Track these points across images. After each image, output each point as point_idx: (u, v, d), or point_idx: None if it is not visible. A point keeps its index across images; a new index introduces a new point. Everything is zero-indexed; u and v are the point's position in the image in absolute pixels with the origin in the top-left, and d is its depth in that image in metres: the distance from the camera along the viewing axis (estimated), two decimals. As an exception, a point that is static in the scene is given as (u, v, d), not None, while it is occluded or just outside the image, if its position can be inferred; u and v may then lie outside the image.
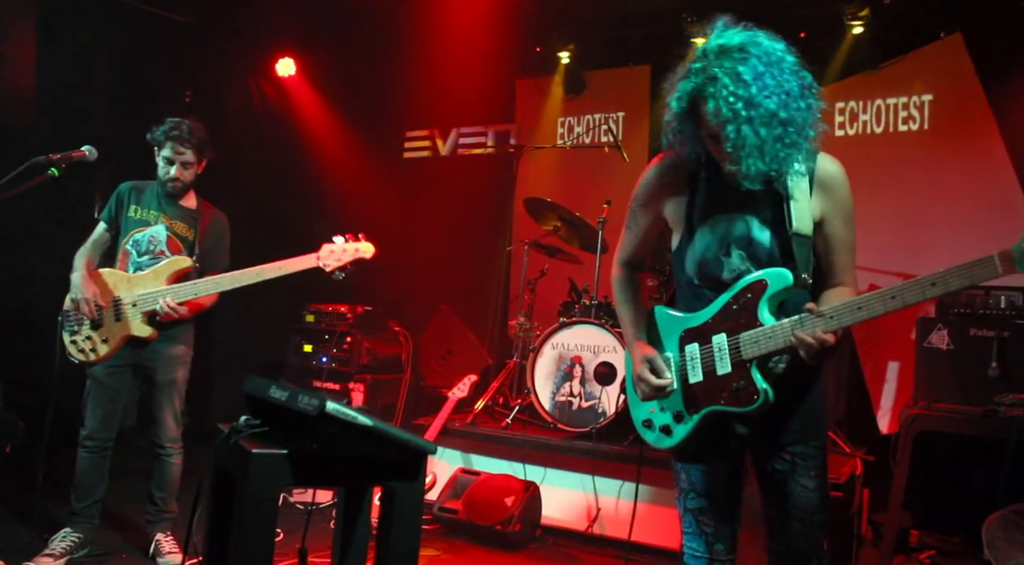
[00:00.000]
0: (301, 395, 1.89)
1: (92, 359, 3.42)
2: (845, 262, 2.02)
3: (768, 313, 1.96)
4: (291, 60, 6.59)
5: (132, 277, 3.48)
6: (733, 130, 1.81)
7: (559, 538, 4.13)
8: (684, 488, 2.20)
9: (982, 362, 3.65)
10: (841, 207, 1.99)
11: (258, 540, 1.88)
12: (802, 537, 2.07)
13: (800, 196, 1.95)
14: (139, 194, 3.60)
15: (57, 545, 3.37)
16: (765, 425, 2.07)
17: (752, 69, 1.82)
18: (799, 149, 1.86)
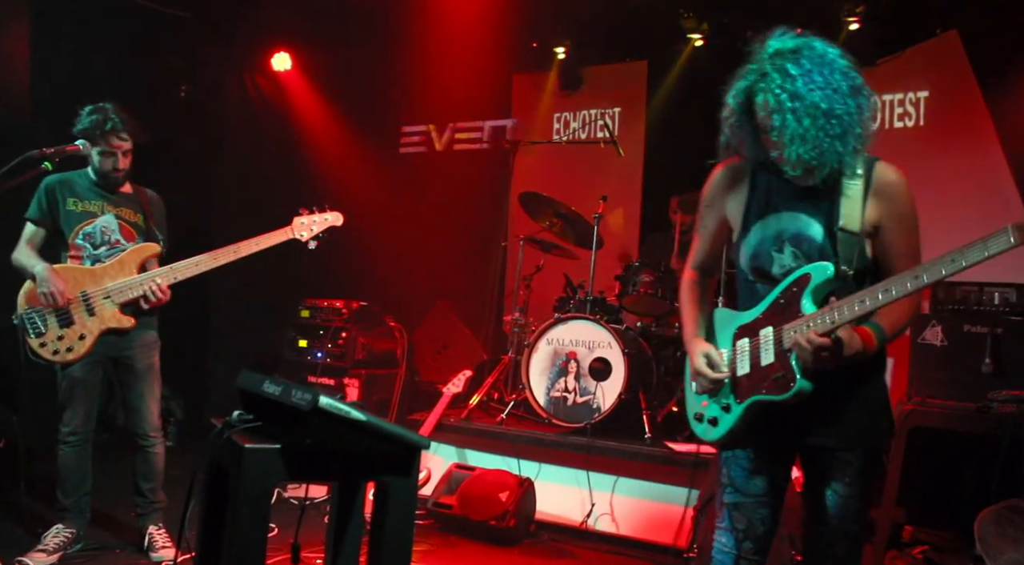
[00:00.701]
0: (295, 390, 1.89)
1: (69, 358, 3.34)
2: (905, 270, 1.93)
3: (811, 304, 1.99)
4: (287, 55, 6.57)
5: (94, 270, 3.40)
6: (779, 119, 1.94)
7: (554, 533, 4.13)
8: (723, 482, 2.23)
9: (976, 358, 3.65)
10: (899, 214, 2.02)
11: (251, 535, 1.88)
12: (828, 544, 2.09)
13: (853, 196, 2.01)
14: (71, 187, 3.47)
15: (50, 541, 3.35)
16: (809, 425, 2.08)
17: (800, 66, 1.95)
18: (844, 142, 1.93)
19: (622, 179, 6.02)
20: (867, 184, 2.01)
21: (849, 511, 2.06)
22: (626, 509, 4.07)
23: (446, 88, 6.43)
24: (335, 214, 3.69)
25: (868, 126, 1.97)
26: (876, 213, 2.01)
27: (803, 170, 1.97)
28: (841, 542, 2.08)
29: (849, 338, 1.93)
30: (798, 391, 1.96)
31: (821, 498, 2.09)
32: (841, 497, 2.06)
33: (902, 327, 2.02)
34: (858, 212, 1.99)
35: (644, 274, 4.66)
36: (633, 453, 4.09)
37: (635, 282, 4.67)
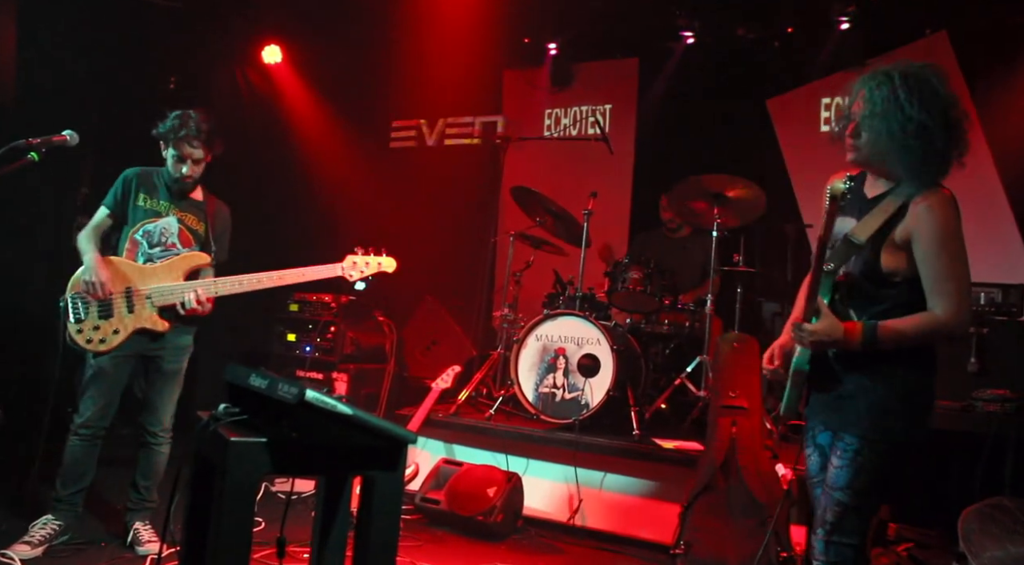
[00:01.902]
0: (281, 383, 1.88)
1: (101, 349, 3.36)
2: (934, 288, 2.14)
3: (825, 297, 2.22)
4: (277, 47, 6.53)
5: (144, 268, 3.43)
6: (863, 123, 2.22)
7: (541, 529, 4.14)
8: None
9: (961, 358, 3.69)
10: (927, 238, 2.13)
11: (237, 529, 1.87)
12: (822, 508, 2.27)
13: (881, 211, 2.19)
14: (148, 183, 3.53)
15: (37, 532, 3.33)
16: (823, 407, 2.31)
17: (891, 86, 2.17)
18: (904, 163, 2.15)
19: (612, 176, 6.02)
20: (907, 201, 2.16)
21: (839, 480, 2.22)
22: (613, 505, 4.08)
23: (437, 83, 6.42)
24: (389, 260, 3.74)
25: (931, 155, 2.13)
26: (907, 230, 2.16)
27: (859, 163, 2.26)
28: (830, 508, 2.24)
29: (828, 326, 2.15)
30: (795, 367, 2.27)
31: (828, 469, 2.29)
32: (835, 467, 2.24)
33: (905, 339, 2.14)
34: (877, 224, 2.17)
35: (633, 271, 4.66)
36: (621, 449, 4.10)
37: (624, 279, 4.67)
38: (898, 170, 2.19)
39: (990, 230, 4.77)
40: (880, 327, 2.14)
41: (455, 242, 6.26)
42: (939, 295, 2.14)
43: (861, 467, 2.19)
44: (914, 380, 2.22)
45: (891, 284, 2.20)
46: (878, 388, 2.20)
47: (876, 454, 2.20)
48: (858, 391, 2.22)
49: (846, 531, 2.22)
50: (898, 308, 2.18)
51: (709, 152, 5.19)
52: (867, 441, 2.20)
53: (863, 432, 2.20)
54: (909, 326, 2.14)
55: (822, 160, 5.81)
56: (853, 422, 2.21)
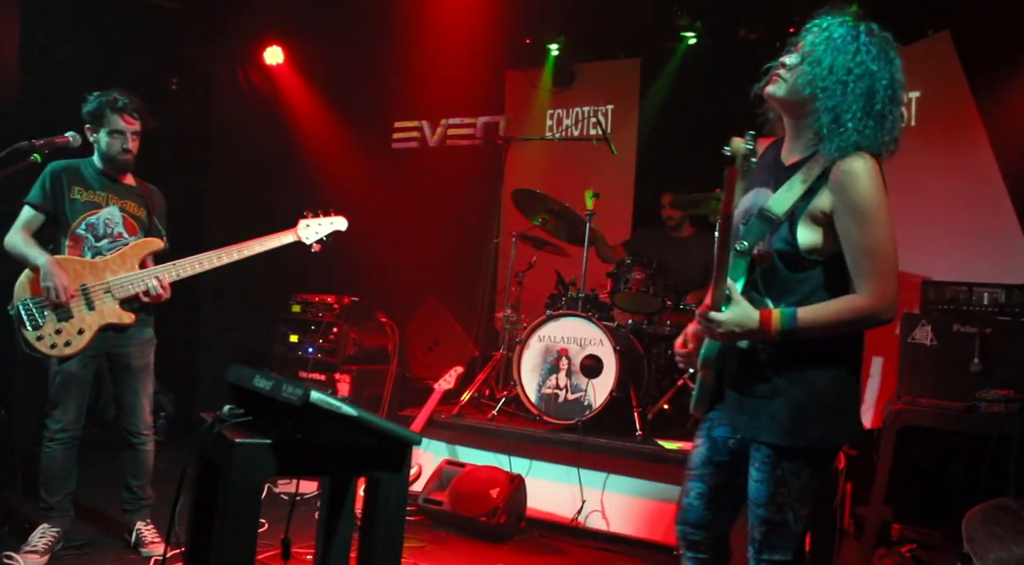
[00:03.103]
0: (285, 384, 1.88)
1: (67, 352, 3.27)
2: (862, 268, 1.92)
3: (731, 279, 2.03)
4: (279, 48, 6.54)
5: (95, 263, 3.35)
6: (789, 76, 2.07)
7: (544, 530, 4.14)
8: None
9: (965, 358, 3.68)
10: (849, 205, 1.92)
11: (241, 530, 1.87)
12: (751, 525, 2.10)
13: (801, 182, 1.98)
14: (78, 175, 3.42)
15: (39, 541, 3.30)
16: (733, 407, 2.10)
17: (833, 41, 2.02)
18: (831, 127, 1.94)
19: (615, 176, 6.02)
20: (823, 173, 1.96)
21: (760, 496, 2.04)
22: (617, 506, 4.08)
23: (439, 83, 6.42)
24: (340, 218, 3.76)
25: (865, 129, 1.93)
26: (829, 201, 1.94)
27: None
28: (756, 526, 2.07)
29: (740, 314, 1.95)
30: (703, 358, 2.08)
31: (748, 481, 2.12)
32: (752, 481, 2.07)
33: (826, 326, 1.93)
34: (794, 196, 1.96)
35: (636, 271, 4.66)
36: (624, 450, 4.09)
37: (627, 279, 4.67)
38: (819, 118, 1.95)
39: (993, 230, 4.77)
40: (799, 314, 1.92)
41: (457, 243, 6.25)
42: (864, 275, 1.91)
43: (781, 480, 2.00)
44: (837, 380, 2.00)
45: (811, 264, 1.97)
46: (796, 390, 1.98)
47: (795, 465, 2.00)
48: (774, 393, 2.00)
49: (776, 547, 2.05)
50: (820, 291, 1.97)
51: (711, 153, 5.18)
52: (784, 450, 2.00)
53: (778, 440, 2.00)
54: (832, 312, 1.92)
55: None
56: (767, 427, 2.00)
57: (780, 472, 2.01)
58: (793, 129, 2.09)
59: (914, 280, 4.74)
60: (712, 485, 2.19)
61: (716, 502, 2.19)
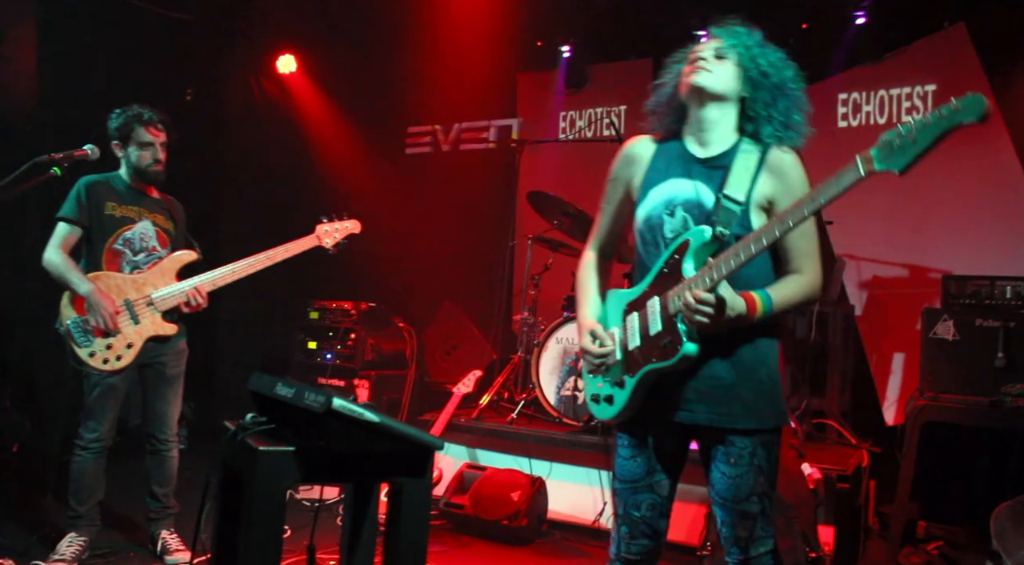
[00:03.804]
0: (307, 392, 1.88)
1: (119, 366, 3.33)
2: (801, 248, 2.03)
3: (692, 268, 1.99)
4: (292, 57, 6.57)
5: (136, 278, 3.42)
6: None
7: (566, 532, 4.13)
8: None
9: (988, 352, 3.64)
10: (791, 190, 2.02)
11: (267, 537, 1.87)
12: (729, 526, 2.06)
13: (743, 169, 2.04)
14: (110, 189, 3.47)
15: (66, 550, 3.34)
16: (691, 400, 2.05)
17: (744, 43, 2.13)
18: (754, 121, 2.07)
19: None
20: (760, 161, 2.04)
21: (741, 491, 2.02)
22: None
23: (451, 88, 6.43)
24: (353, 222, 3.96)
25: (796, 121, 2.06)
26: (770, 189, 2.04)
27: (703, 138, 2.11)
28: (739, 523, 2.04)
29: (731, 298, 1.92)
30: (684, 355, 1.95)
31: (711, 480, 2.08)
32: (727, 477, 2.03)
33: (789, 306, 2.01)
34: (747, 183, 2.02)
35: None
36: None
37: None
38: (748, 109, 2.06)
39: (1012, 222, 4.71)
40: (773, 296, 1.97)
41: (473, 246, 6.26)
42: (807, 255, 2.03)
43: (759, 469, 2.01)
44: (776, 356, 2.08)
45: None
46: (760, 372, 2.02)
47: (768, 447, 2.03)
48: (740, 378, 2.01)
49: (761, 540, 2.04)
50: (760, 275, 2.04)
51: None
52: (760, 435, 2.01)
53: (758, 424, 2.00)
54: (793, 292, 2.00)
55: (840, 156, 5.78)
56: (743, 414, 2.00)
57: (757, 461, 2.01)
58: (703, 122, 2.11)
59: (935, 275, 4.70)
60: (663, 494, 2.16)
61: (666, 511, 2.18)
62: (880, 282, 5.08)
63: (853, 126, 5.22)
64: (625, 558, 2.17)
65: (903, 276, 4.96)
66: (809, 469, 3.57)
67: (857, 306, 5.09)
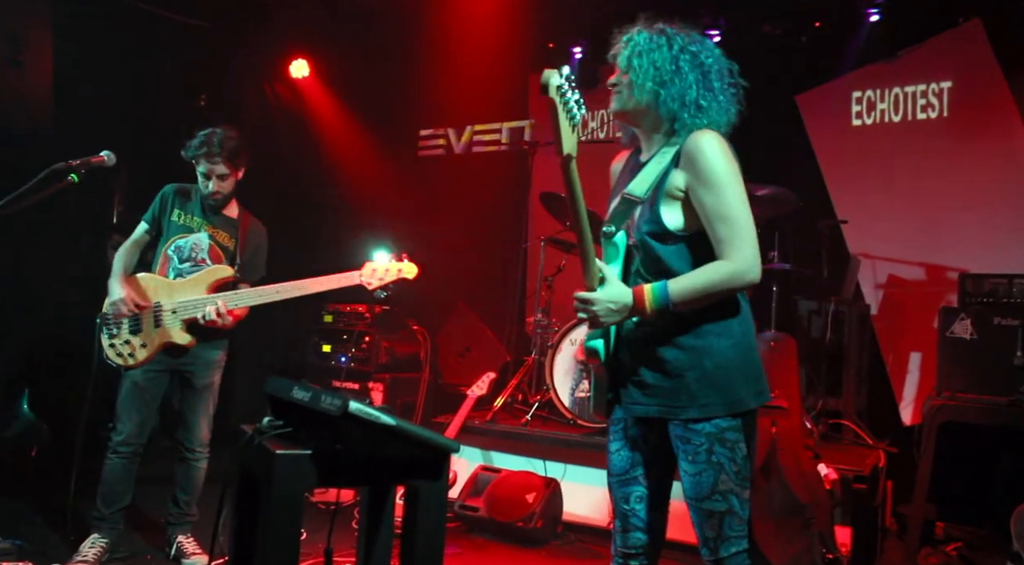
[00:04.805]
0: (324, 395, 1.89)
1: (130, 363, 3.42)
2: (720, 234, 1.96)
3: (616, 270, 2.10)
4: (304, 62, 6.60)
5: (173, 283, 3.48)
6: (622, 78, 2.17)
7: (581, 534, 4.12)
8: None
9: (1007, 351, 3.61)
10: (699, 174, 1.98)
11: (284, 540, 1.88)
12: (697, 525, 2.05)
13: (656, 165, 2.07)
14: (184, 199, 3.60)
15: (88, 551, 3.37)
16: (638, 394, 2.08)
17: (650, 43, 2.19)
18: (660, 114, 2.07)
19: (641, 177, 5.99)
20: (677, 153, 2.04)
21: (700, 489, 2.00)
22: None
23: (463, 91, 6.43)
24: (411, 266, 3.48)
25: (716, 103, 2.05)
26: (683, 178, 2.02)
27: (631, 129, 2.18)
28: (707, 523, 2.02)
29: (613, 293, 1.99)
30: (587, 349, 2.05)
31: (681, 477, 2.06)
32: (688, 475, 2.02)
33: (697, 294, 1.96)
34: (653, 178, 2.05)
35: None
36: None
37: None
38: (668, 107, 2.04)
39: (1031, 220, 4.67)
40: (670, 286, 1.95)
41: (486, 248, 6.26)
42: (723, 240, 1.95)
43: (719, 465, 1.98)
44: (737, 346, 2.02)
45: (678, 241, 2.02)
46: (703, 360, 2.00)
47: (726, 443, 1.98)
48: (682, 368, 2.00)
49: (731, 539, 2.01)
50: (669, 271, 2.02)
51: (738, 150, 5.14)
52: (717, 432, 1.97)
53: (701, 412, 1.98)
54: (700, 280, 1.95)
55: (854, 155, 5.76)
56: (687, 404, 1.99)
57: (716, 458, 1.99)
58: (645, 135, 2.17)
59: (951, 273, 4.67)
60: (650, 486, 2.15)
61: (656, 502, 2.16)
62: (896, 281, 5.04)
63: (868, 124, 5.19)
64: (622, 552, 2.18)
65: (919, 275, 4.93)
66: (825, 470, 3.56)
67: (873, 305, 5.05)
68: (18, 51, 5.05)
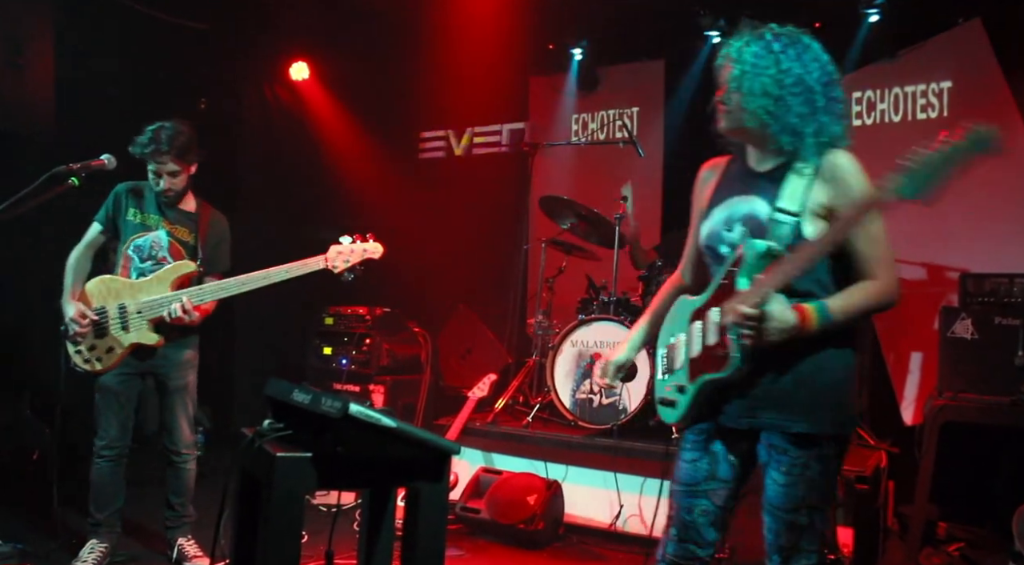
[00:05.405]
0: (324, 397, 1.89)
1: (99, 368, 3.35)
2: (869, 253, 1.99)
3: (745, 281, 2.01)
4: (304, 64, 6.61)
5: (135, 283, 3.41)
6: (734, 92, 2.09)
7: (583, 536, 4.12)
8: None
9: (1007, 351, 3.61)
10: (848, 194, 1.99)
11: (285, 543, 1.88)
12: (774, 534, 2.06)
13: (799, 180, 2.04)
14: (138, 197, 3.50)
15: (88, 556, 3.36)
16: (749, 406, 2.07)
17: (769, 49, 2.06)
18: (799, 129, 2.01)
19: (642, 179, 5.98)
20: (817, 168, 2.03)
21: (787, 500, 2.02)
22: (655, 510, 4.04)
23: (463, 93, 6.44)
24: (375, 245, 3.50)
25: (822, 128, 2.03)
26: (826, 196, 2.02)
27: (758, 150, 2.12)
28: (784, 533, 2.03)
29: (780, 312, 1.91)
30: (735, 368, 1.98)
31: (765, 485, 2.08)
32: (777, 485, 2.03)
33: (853, 314, 1.98)
34: (799, 194, 2.02)
35: (667, 274, 4.62)
36: (660, 454, 4.06)
37: (658, 282, 4.64)
38: (778, 136, 2.03)
39: (1031, 219, 4.67)
40: (830, 306, 1.95)
41: (487, 250, 6.27)
42: (874, 261, 1.98)
43: (810, 481, 2.00)
44: (848, 367, 2.05)
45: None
46: (818, 378, 2.01)
47: (823, 461, 2.01)
48: (797, 384, 2.00)
49: (804, 552, 2.03)
50: (826, 283, 2.02)
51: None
52: (814, 444, 1.99)
53: (811, 429, 1.99)
54: (857, 300, 1.97)
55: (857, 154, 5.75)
56: (798, 418, 2.00)
57: (809, 473, 2.00)
58: (757, 143, 2.15)
59: (952, 273, 4.66)
60: (718, 504, 2.15)
61: (720, 521, 2.17)
62: (896, 281, 5.04)
63: (868, 124, 5.19)
64: (670, 560, 2.18)
65: (920, 274, 4.92)
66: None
67: (874, 305, 5.04)
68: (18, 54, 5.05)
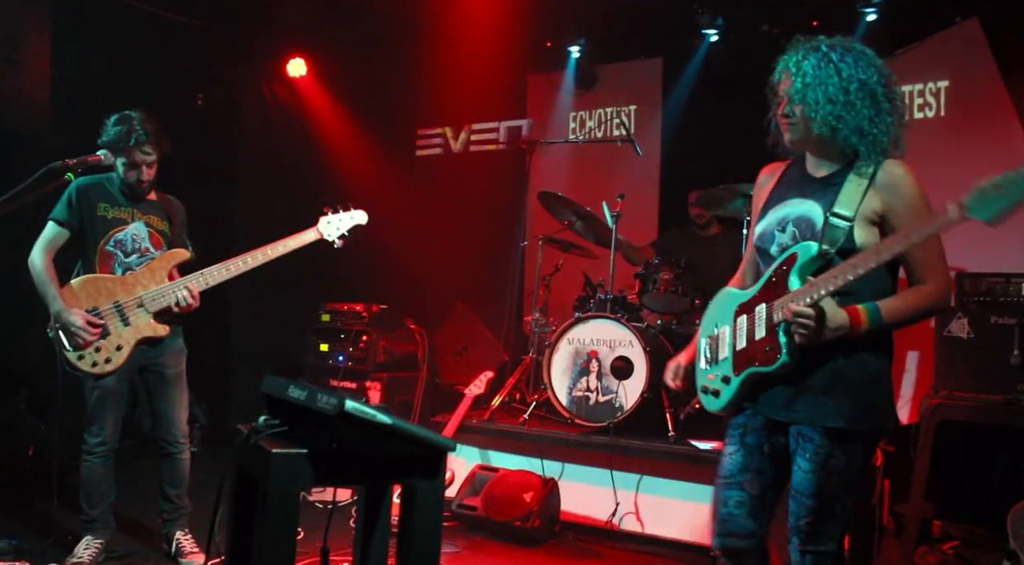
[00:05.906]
0: (320, 394, 1.89)
1: (108, 369, 3.32)
2: (923, 260, 2.05)
3: (797, 281, 2.07)
4: (302, 60, 6.60)
5: (125, 279, 3.38)
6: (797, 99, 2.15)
7: (579, 533, 4.12)
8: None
9: (1003, 350, 3.61)
10: (906, 203, 2.06)
11: (280, 539, 1.88)
12: (796, 517, 2.13)
13: (854, 186, 2.09)
14: (101, 191, 3.44)
15: (84, 553, 3.36)
16: (787, 400, 2.13)
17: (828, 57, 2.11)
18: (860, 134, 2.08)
19: (639, 176, 6.00)
20: (872, 176, 2.09)
21: (810, 486, 2.09)
22: (651, 508, 4.05)
23: (461, 90, 6.44)
24: (360, 212, 3.74)
25: (889, 128, 2.10)
26: (880, 203, 2.08)
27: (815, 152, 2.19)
28: (803, 516, 2.11)
29: (833, 312, 1.98)
30: (783, 363, 2.06)
31: (791, 472, 2.15)
32: (802, 471, 2.11)
33: (905, 317, 2.04)
34: (855, 200, 2.07)
35: (664, 272, 4.64)
36: (657, 451, 4.07)
37: (655, 280, 4.65)
38: (847, 139, 2.09)
39: (1028, 219, 4.67)
40: (882, 308, 2.01)
41: (484, 248, 6.27)
42: (929, 265, 2.05)
43: (833, 469, 2.07)
44: (883, 367, 2.12)
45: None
46: (857, 375, 2.07)
47: (849, 453, 2.07)
48: (836, 379, 2.07)
49: (822, 538, 2.11)
50: (880, 286, 2.07)
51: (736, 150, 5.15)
52: (843, 437, 2.05)
53: (846, 424, 2.04)
54: (909, 303, 2.04)
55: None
56: (833, 414, 2.05)
57: (833, 462, 2.06)
58: (817, 150, 2.21)
59: (948, 272, 4.66)
60: (752, 493, 2.22)
61: (757, 509, 2.22)
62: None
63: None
64: (716, 553, 2.26)
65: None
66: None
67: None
68: (15, 50, 5.03)
